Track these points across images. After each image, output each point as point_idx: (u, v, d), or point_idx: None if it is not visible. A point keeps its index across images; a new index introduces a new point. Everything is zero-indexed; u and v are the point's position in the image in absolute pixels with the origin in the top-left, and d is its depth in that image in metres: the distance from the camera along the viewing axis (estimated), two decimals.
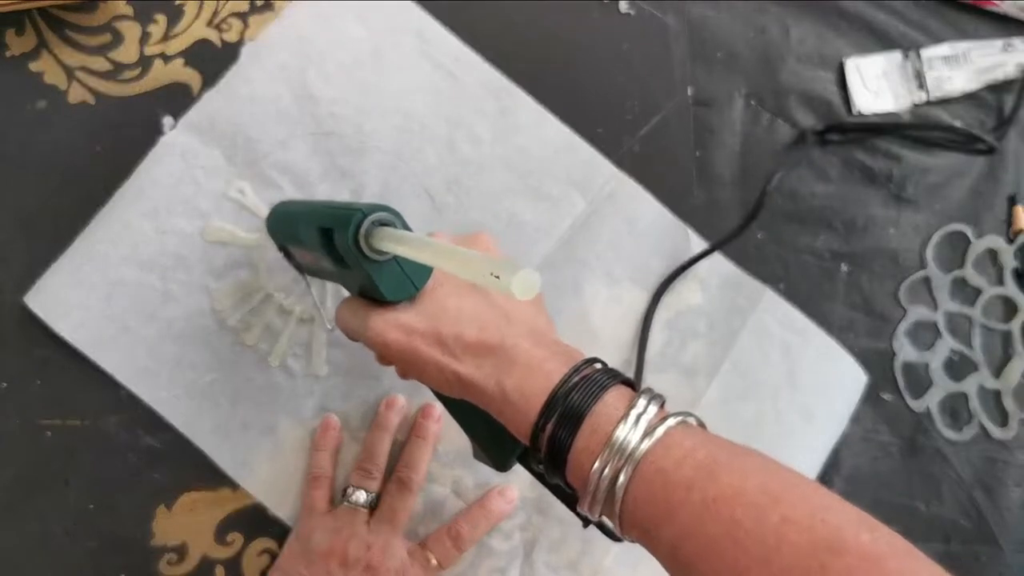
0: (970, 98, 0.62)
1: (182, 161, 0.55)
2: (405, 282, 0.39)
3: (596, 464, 0.33)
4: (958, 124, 0.62)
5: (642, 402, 0.34)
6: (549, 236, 0.58)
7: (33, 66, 0.55)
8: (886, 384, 0.60)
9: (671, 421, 0.33)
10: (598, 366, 0.37)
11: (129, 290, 0.54)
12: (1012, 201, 0.62)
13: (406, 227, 0.38)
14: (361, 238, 0.37)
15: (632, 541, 0.34)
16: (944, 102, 0.62)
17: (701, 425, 0.35)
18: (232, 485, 0.54)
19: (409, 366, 0.39)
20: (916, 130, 0.61)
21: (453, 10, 0.59)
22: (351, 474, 0.54)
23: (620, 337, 0.58)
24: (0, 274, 0.54)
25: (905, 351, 0.60)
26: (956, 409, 0.60)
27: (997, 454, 0.59)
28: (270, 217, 0.51)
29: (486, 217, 0.57)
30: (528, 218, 0.58)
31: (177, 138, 0.55)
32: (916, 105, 0.62)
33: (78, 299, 0.53)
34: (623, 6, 0.61)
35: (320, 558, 0.50)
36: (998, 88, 0.62)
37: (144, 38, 0.57)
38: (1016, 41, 0.62)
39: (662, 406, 0.34)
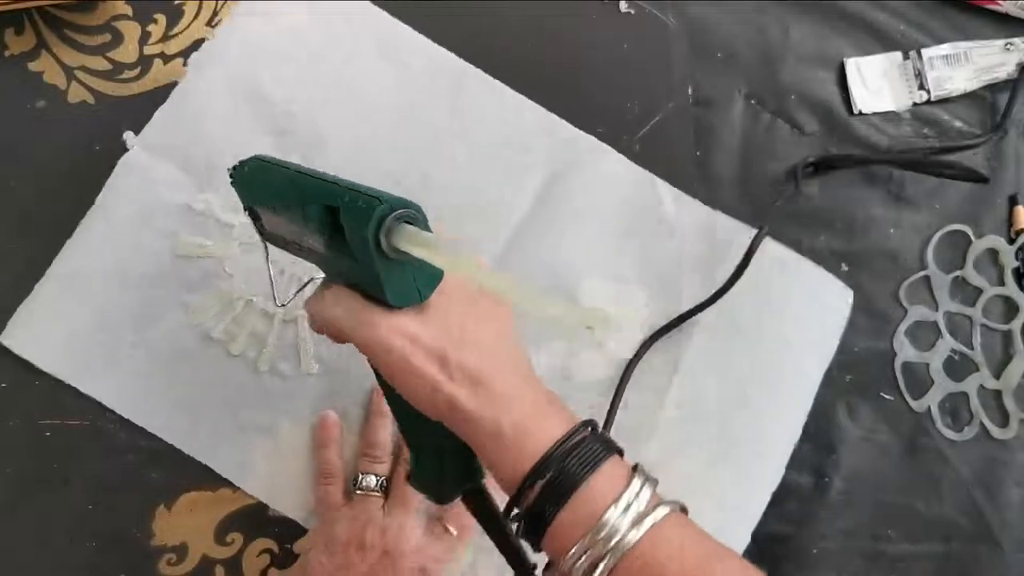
0: (970, 97, 0.62)
1: (142, 180, 0.55)
2: (412, 289, 0.36)
3: (575, 548, 0.33)
4: (959, 125, 0.62)
5: (636, 483, 0.34)
6: (516, 211, 0.58)
7: (33, 66, 0.55)
8: (886, 384, 0.59)
9: (661, 512, 0.33)
10: (590, 430, 0.36)
11: (108, 316, 0.54)
12: (1012, 201, 0.62)
13: (427, 226, 0.35)
14: (383, 234, 0.33)
15: None
16: (944, 101, 0.62)
17: (684, 511, 0.35)
18: (232, 485, 0.54)
19: (393, 372, 0.36)
20: (911, 157, 0.60)
21: (454, 10, 0.59)
22: (358, 462, 0.54)
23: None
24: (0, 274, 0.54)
25: (905, 351, 0.60)
26: (956, 409, 0.60)
27: (997, 454, 0.59)
28: (243, 170, 0.42)
29: (451, 198, 0.57)
30: (493, 195, 0.58)
31: (135, 157, 0.55)
32: (916, 104, 0.62)
33: (55, 331, 0.53)
34: (623, 6, 0.61)
35: (340, 548, 0.50)
36: (999, 88, 0.62)
37: (143, 38, 0.57)
38: (1017, 40, 0.62)
39: (655, 490, 0.34)
